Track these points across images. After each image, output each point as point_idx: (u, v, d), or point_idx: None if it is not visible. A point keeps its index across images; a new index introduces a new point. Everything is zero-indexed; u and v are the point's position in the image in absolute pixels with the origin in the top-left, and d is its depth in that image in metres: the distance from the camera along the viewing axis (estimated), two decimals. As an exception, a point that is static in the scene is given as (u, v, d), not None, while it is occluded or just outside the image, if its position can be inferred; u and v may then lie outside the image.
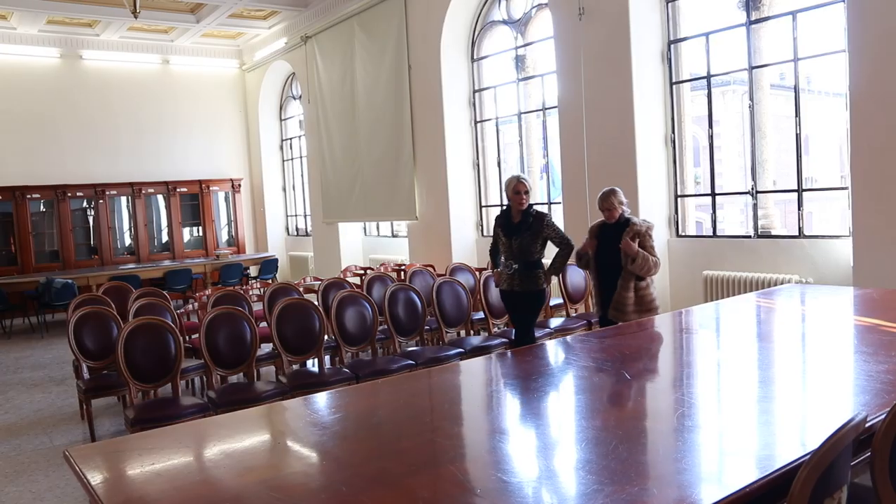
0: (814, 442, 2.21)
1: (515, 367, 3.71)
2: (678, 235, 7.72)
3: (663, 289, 7.63)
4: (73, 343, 5.65)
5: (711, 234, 7.55)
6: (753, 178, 7.08)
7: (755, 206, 7.08)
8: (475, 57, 10.24)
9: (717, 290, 7.08)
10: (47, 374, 8.21)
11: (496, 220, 5.75)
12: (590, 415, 2.80)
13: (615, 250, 5.21)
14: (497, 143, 10.26)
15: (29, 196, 13.30)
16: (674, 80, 7.61)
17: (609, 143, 7.73)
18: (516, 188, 5.49)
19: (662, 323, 4.86)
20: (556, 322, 6.60)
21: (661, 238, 7.64)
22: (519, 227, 5.51)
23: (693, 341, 4.18)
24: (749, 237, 7.08)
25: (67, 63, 13.90)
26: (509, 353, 4.08)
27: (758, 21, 6.85)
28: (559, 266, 5.65)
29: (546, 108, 9.31)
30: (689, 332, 4.37)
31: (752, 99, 7.04)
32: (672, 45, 7.58)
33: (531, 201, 5.55)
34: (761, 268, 6.81)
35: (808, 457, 1.76)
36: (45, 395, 7.21)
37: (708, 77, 7.45)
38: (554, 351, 4.01)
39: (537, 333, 5.90)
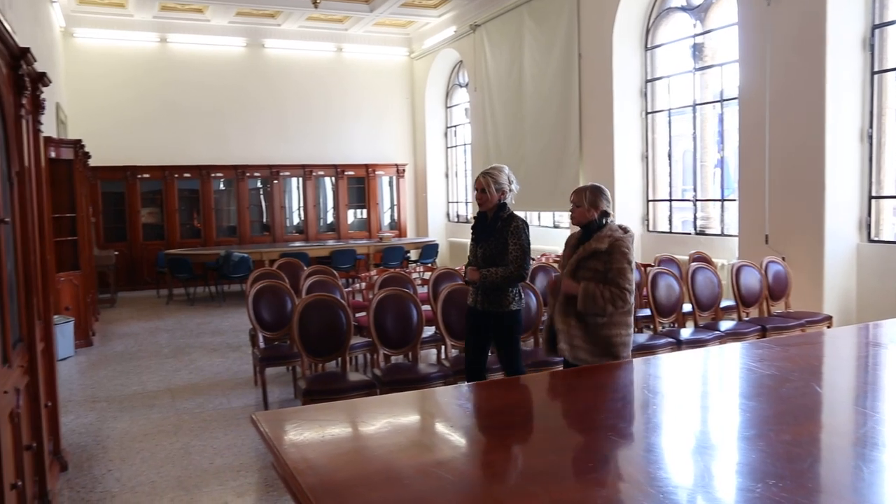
0: None
1: (689, 370, 3.53)
2: (870, 240, 7.04)
3: (849, 298, 7.01)
4: (251, 314, 5.99)
5: (912, 240, 6.84)
6: (968, 180, 6.32)
7: (967, 212, 6.32)
8: (649, 45, 9.86)
9: (916, 303, 6.40)
10: (225, 340, 8.83)
11: (474, 219, 4.72)
12: (779, 428, 2.59)
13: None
14: (669, 136, 9.84)
15: (213, 175, 14.39)
16: (875, 69, 6.93)
17: (795, 138, 7.17)
18: (474, 186, 4.60)
19: (848, 335, 4.47)
20: (726, 325, 6.21)
21: (849, 243, 7.02)
22: (487, 230, 4.55)
23: (882, 356, 3.79)
24: (958, 246, 6.34)
25: (251, 52, 14.86)
26: (678, 354, 3.88)
27: None
28: (489, 281, 4.39)
29: (724, 100, 8.80)
30: (877, 346, 3.98)
31: (972, 90, 6.28)
32: (876, 30, 6.90)
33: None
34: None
35: None
36: (223, 359, 7.76)
37: (919, 65, 6.72)
38: (734, 356, 3.77)
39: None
